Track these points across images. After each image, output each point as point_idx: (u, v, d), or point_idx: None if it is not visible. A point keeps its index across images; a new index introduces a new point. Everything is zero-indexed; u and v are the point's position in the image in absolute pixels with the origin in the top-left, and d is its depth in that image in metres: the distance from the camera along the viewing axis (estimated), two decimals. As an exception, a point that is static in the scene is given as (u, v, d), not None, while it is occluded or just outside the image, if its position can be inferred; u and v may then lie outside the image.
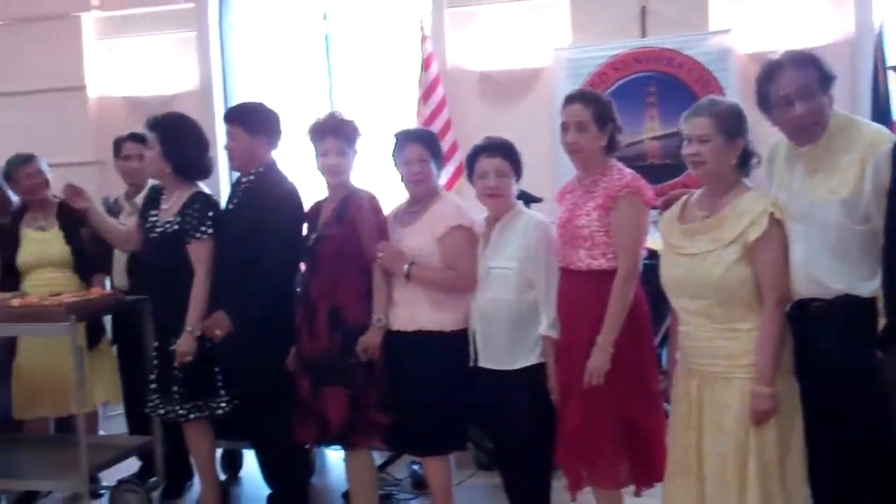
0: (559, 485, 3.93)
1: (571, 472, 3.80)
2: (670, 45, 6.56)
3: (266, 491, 4.66)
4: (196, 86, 7.97)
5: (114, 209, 5.36)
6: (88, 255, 5.08)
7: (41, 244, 5.03)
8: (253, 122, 4.44)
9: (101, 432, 5.49)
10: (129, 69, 8.05)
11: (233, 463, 5.45)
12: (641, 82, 6.61)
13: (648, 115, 6.58)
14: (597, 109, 3.76)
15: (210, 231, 4.41)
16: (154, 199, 4.64)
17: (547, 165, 5.84)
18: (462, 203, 4.21)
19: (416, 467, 5.01)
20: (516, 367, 3.89)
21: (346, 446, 4.27)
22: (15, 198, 5.26)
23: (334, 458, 5.43)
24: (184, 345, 4.35)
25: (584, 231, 3.71)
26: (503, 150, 3.97)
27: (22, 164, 5.15)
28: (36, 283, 4.99)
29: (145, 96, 7.97)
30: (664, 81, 6.55)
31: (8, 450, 5.00)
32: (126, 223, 4.99)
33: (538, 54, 7.02)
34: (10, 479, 4.66)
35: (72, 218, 4.98)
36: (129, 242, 4.73)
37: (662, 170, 6.27)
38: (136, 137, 5.20)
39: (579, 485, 3.80)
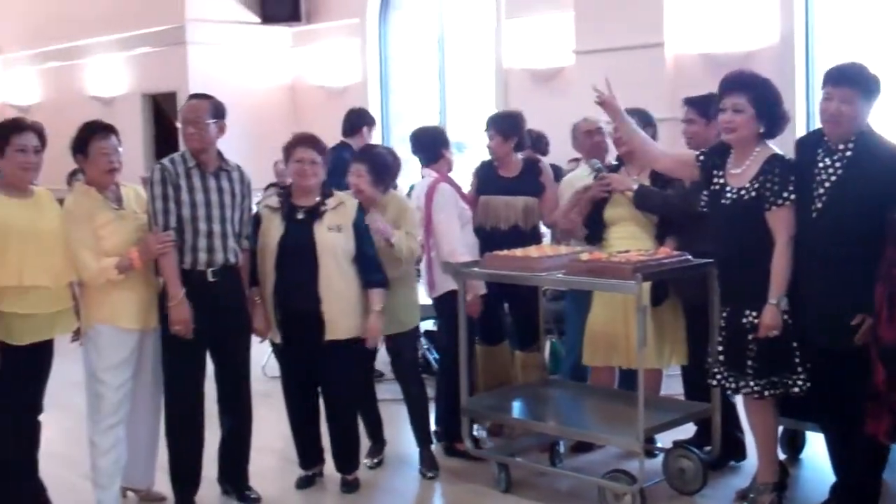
0: None
1: None
2: None
3: (830, 478, 4.32)
4: (776, 41, 7.62)
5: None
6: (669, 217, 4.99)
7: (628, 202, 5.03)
8: (871, 85, 4.07)
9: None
10: (708, 25, 7.92)
11: (794, 443, 5.14)
12: None
13: None
14: None
15: (793, 197, 4.13)
16: (718, 162, 4.45)
17: None
18: None
19: None
20: None
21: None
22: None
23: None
24: (768, 318, 4.11)
25: None
26: None
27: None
28: (617, 236, 5.05)
29: (721, 53, 7.81)
30: None
31: (574, 399, 5.21)
32: None
33: None
34: (570, 428, 4.82)
35: (662, 179, 4.94)
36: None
37: None
38: None
39: None
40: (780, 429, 4.93)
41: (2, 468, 4.31)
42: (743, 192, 4.23)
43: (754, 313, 4.17)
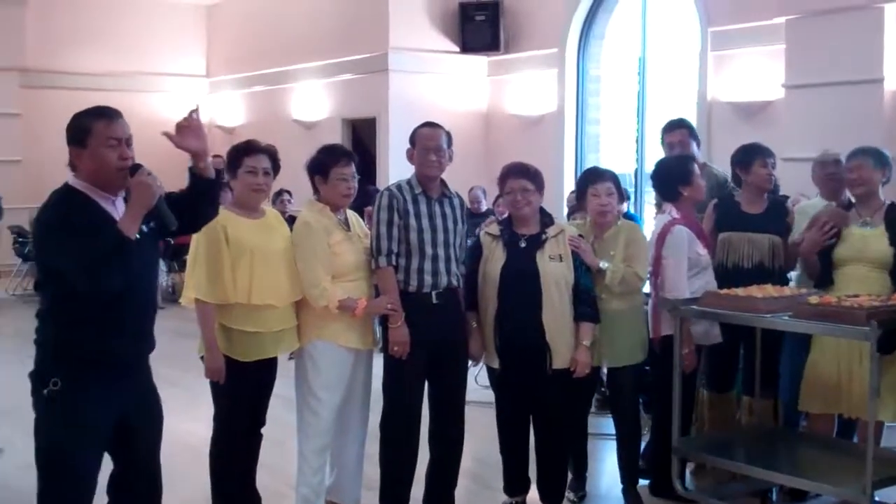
0: None
1: None
2: None
3: None
4: None
5: None
6: None
7: (863, 240, 4.86)
8: None
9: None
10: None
11: None
12: None
13: None
14: None
15: None
16: None
17: None
18: None
19: None
20: None
21: None
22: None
23: None
24: None
25: None
26: None
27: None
28: (846, 279, 4.86)
29: (947, 89, 7.45)
30: None
31: (788, 445, 5.01)
32: None
33: None
34: (788, 475, 4.63)
35: None
36: None
37: None
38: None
39: None
40: None
41: (226, 479, 4.50)
42: None
43: None
